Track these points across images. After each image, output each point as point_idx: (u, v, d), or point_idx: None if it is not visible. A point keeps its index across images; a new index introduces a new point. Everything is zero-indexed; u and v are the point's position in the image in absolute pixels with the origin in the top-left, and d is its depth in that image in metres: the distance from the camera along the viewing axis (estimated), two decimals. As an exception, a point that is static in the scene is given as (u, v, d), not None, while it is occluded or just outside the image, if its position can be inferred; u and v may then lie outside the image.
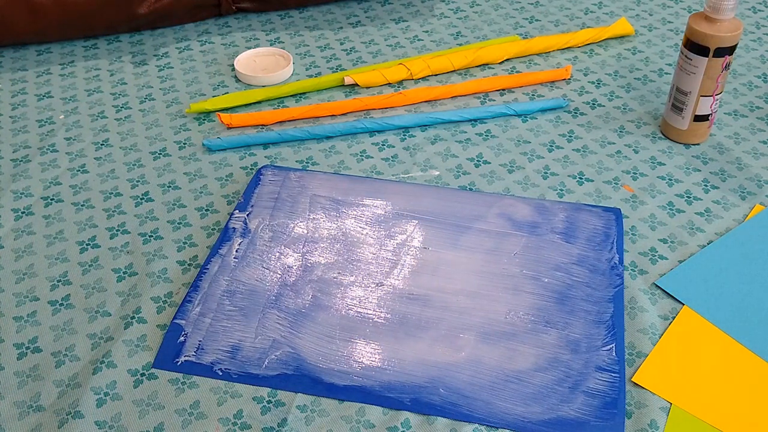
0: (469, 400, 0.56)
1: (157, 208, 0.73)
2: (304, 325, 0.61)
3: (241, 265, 0.66)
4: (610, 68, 0.93)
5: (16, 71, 0.93)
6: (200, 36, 0.99)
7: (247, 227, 0.69)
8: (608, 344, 0.60)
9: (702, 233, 0.70)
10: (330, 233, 0.69)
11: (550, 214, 0.71)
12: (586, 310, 0.63)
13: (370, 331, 0.61)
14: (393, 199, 0.73)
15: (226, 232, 0.69)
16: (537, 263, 0.67)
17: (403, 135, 0.82)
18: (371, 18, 1.03)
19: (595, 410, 0.56)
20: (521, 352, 0.60)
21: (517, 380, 0.58)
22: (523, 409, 0.56)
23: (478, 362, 0.59)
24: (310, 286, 0.64)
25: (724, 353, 0.60)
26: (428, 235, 0.69)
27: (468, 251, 0.68)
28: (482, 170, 0.77)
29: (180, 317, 0.62)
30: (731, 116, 0.85)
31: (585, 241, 0.69)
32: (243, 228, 0.69)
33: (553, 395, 0.57)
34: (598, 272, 0.66)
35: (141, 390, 0.57)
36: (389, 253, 0.68)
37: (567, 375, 0.58)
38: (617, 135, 0.82)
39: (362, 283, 0.65)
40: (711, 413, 0.56)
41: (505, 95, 0.88)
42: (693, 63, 0.75)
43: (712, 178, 0.77)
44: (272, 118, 0.83)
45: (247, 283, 0.64)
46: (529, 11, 1.05)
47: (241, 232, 0.69)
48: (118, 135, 0.83)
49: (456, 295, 0.64)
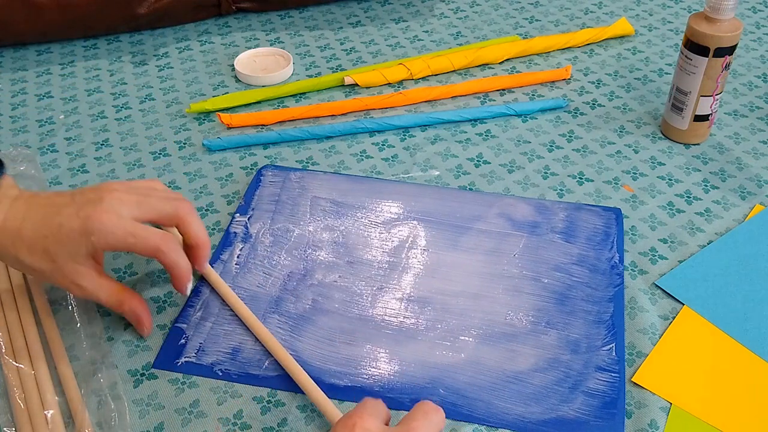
0: (468, 400, 0.56)
1: (157, 208, 0.73)
2: (305, 329, 0.61)
3: (242, 271, 0.66)
4: (610, 68, 0.93)
5: (16, 71, 0.93)
6: (200, 36, 0.99)
7: (248, 232, 0.69)
8: (608, 344, 0.60)
9: (702, 233, 0.70)
10: (330, 236, 0.69)
11: (550, 213, 0.71)
12: (586, 310, 0.63)
13: (370, 334, 0.61)
14: (393, 200, 0.73)
15: (227, 236, 0.69)
16: (537, 263, 0.67)
17: (403, 135, 0.82)
18: (371, 18, 1.03)
19: (594, 410, 0.56)
20: (521, 352, 0.60)
21: (517, 381, 0.58)
22: (523, 410, 0.56)
23: (478, 363, 0.59)
24: (310, 290, 0.64)
25: (724, 353, 0.60)
26: (428, 236, 0.69)
27: (468, 252, 0.68)
28: (482, 170, 0.77)
29: (181, 321, 0.62)
30: (731, 116, 0.85)
31: (585, 241, 0.69)
32: (244, 233, 0.69)
33: (553, 395, 0.57)
34: (598, 272, 0.66)
35: (141, 390, 0.57)
36: (389, 255, 0.68)
37: (567, 375, 0.58)
38: (617, 135, 0.82)
39: (363, 286, 0.65)
40: (711, 413, 0.56)
41: (505, 95, 0.88)
42: (693, 63, 0.75)
43: (712, 178, 0.77)
44: (272, 118, 0.83)
45: (249, 289, 0.64)
46: (529, 11, 1.05)
47: (242, 237, 0.69)
48: (118, 135, 0.83)
49: (456, 297, 0.64)
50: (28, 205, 0.56)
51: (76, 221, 0.54)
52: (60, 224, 0.55)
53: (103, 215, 0.55)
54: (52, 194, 0.58)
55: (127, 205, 0.56)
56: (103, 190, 0.57)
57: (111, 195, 0.56)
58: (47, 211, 0.56)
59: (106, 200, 0.55)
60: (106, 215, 0.55)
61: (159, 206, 0.58)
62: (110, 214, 0.55)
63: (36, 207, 0.56)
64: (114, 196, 0.56)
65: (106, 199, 0.55)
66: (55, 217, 0.55)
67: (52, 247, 0.55)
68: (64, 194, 0.57)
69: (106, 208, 0.55)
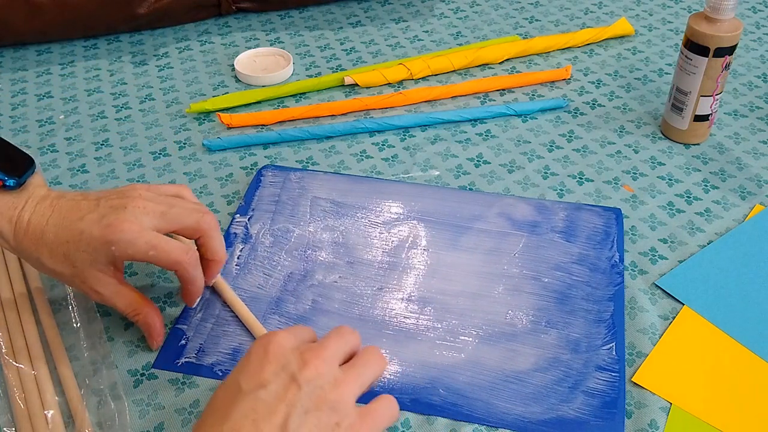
0: (469, 400, 0.56)
1: (157, 208, 0.73)
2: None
3: (242, 272, 0.66)
4: (610, 68, 0.93)
5: (16, 71, 0.93)
6: (200, 36, 0.99)
7: (248, 232, 0.69)
8: (608, 343, 0.60)
9: (702, 233, 0.70)
10: (330, 237, 0.69)
11: (549, 213, 0.71)
12: (586, 309, 0.63)
13: (370, 334, 0.61)
14: (393, 200, 0.73)
15: (228, 237, 0.69)
16: (537, 263, 0.67)
17: (403, 135, 0.82)
18: (371, 18, 1.03)
19: (594, 410, 0.56)
20: (521, 352, 0.60)
21: (517, 380, 0.58)
22: (523, 409, 0.56)
23: (478, 363, 0.59)
24: (311, 290, 0.64)
25: (724, 353, 0.60)
26: (428, 236, 0.69)
27: (468, 252, 0.68)
28: (482, 170, 0.77)
29: (182, 322, 0.62)
30: (731, 116, 0.85)
31: (585, 240, 0.69)
32: (244, 233, 0.69)
33: (553, 395, 0.57)
34: (598, 271, 0.66)
35: (141, 390, 0.57)
36: (389, 255, 0.68)
37: (567, 375, 0.58)
38: (617, 135, 0.82)
39: (363, 286, 0.65)
40: (711, 413, 0.56)
41: (505, 95, 0.88)
42: (693, 63, 0.75)
43: (712, 178, 0.77)
44: (272, 118, 0.83)
45: (249, 290, 0.64)
46: (529, 11, 1.05)
47: (242, 238, 0.69)
48: (118, 135, 0.83)
49: (456, 297, 0.64)
50: (53, 208, 0.56)
51: (98, 229, 0.54)
52: (81, 231, 0.54)
53: (124, 224, 0.54)
54: (79, 196, 0.57)
55: (151, 215, 0.55)
56: (128, 197, 0.56)
57: (135, 203, 0.55)
58: (70, 216, 0.55)
59: (129, 208, 0.55)
60: (128, 225, 0.54)
61: (183, 218, 0.57)
62: (132, 224, 0.54)
63: (60, 210, 0.56)
64: (138, 204, 0.55)
65: (129, 207, 0.55)
66: (77, 223, 0.55)
67: (73, 253, 0.55)
68: (89, 196, 0.57)
69: (128, 217, 0.54)
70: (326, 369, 0.46)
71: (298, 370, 0.45)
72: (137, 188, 0.57)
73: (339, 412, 0.45)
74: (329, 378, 0.46)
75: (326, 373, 0.46)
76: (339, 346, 0.48)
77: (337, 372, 0.47)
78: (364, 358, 0.49)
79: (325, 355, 0.47)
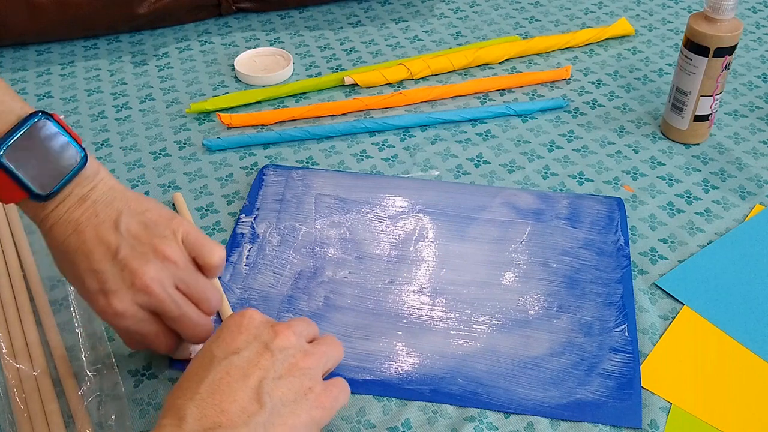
0: (488, 388, 0.57)
1: (157, 208, 0.73)
2: (320, 327, 0.61)
3: (252, 272, 0.66)
4: (610, 68, 0.93)
5: (16, 71, 0.93)
6: (200, 36, 0.99)
7: (255, 232, 0.69)
8: (620, 325, 0.61)
9: (702, 233, 0.70)
10: (337, 233, 0.69)
11: (553, 201, 0.72)
12: (596, 292, 0.63)
13: (385, 328, 0.61)
14: (397, 195, 0.73)
15: (234, 238, 0.69)
16: (544, 249, 0.67)
17: (403, 135, 0.82)
18: (371, 18, 1.03)
19: (611, 391, 0.56)
20: (535, 338, 0.60)
21: (534, 366, 0.58)
22: (542, 395, 0.56)
23: (494, 351, 0.59)
24: (322, 287, 0.64)
25: (724, 353, 0.60)
26: (435, 228, 0.70)
27: (476, 242, 0.68)
28: (482, 170, 0.77)
29: None
30: (731, 116, 0.85)
31: (590, 225, 0.69)
32: (251, 233, 0.69)
33: (570, 379, 0.57)
34: (605, 254, 0.66)
35: (141, 390, 0.57)
36: (397, 248, 0.68)
37: (582, 358, 0.59)
38: (617, 135, 0.82)
39: (373, 280, 0.65)
40: (711, 413, 0.56)
41: (505, 95, 0.88)
42: (693, 63, 0.75)
43: (712, 178, 0.77)
44: (272, 118, 0.83)
45: (260, 290, 0.64)
46: (529, 11, 1.05)
47: (249, 238, 0.69)
48: (118, 135, 0.83)
49: (467, 287, 0.64)
50: (80, 232, 0.52)
51: (120, 277, 0.51)
52: (104, 271, 0.51)
53: (146, 279, 0.51)
54: (113, 221, 0.53)
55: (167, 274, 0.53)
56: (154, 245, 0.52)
57: (157, 255, 0.52)
58: (98, 251, 0.52)
59: (152, 262, 0.52)
60: (149, 280, 0.51)
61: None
62: (154, 283, 0.52)
63: (91, 239, 0.52)
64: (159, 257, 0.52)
65: (152, 260, 0.52)
66: (103, 263, 0.52)
67: (98, 285, 0.52)
68: (120, 225, 0.53)
69: (150, 272, 0.51)
70: (296, 341, 0.49)
71: (270, 339, 0.48)
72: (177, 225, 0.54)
73: (312, 379, 0.48)
74: (300, 348, 0.49)
75: (297, 344, 0.49)
76: (304, 326, 0.51)
77: (306, 345, 0.50)
78: (327, 340, 0.52)
79: (295, 330, 0.50)
